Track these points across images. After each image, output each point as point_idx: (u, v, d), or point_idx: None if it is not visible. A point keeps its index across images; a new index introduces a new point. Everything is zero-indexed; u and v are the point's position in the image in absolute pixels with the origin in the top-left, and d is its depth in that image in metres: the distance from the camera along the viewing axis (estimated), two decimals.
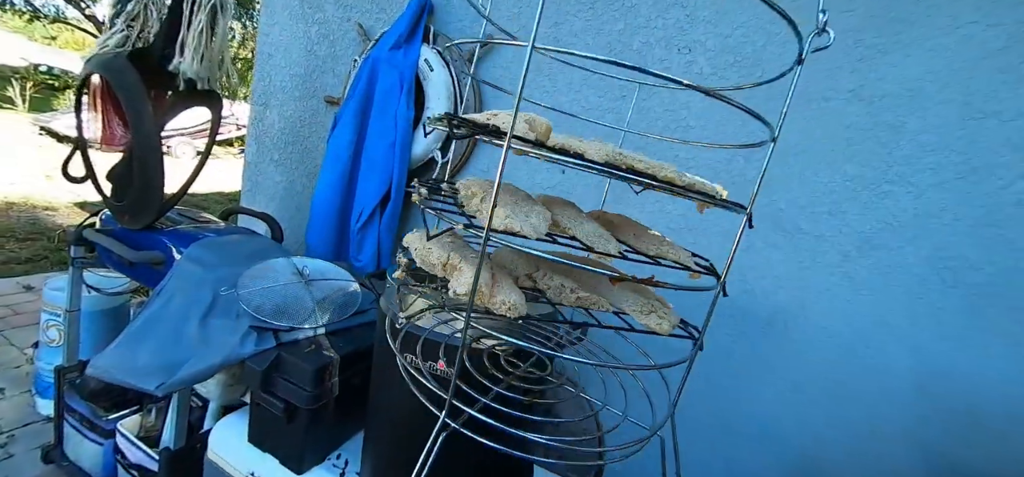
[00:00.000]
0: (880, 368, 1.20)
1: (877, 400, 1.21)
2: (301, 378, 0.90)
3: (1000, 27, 1.04)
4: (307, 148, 1.77)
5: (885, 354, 1.19)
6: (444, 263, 0.58)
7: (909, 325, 1.17)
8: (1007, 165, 1.07)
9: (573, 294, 0.59)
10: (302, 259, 1.20)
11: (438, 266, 0.58)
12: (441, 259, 0.58)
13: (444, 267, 0.58)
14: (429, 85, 1.47)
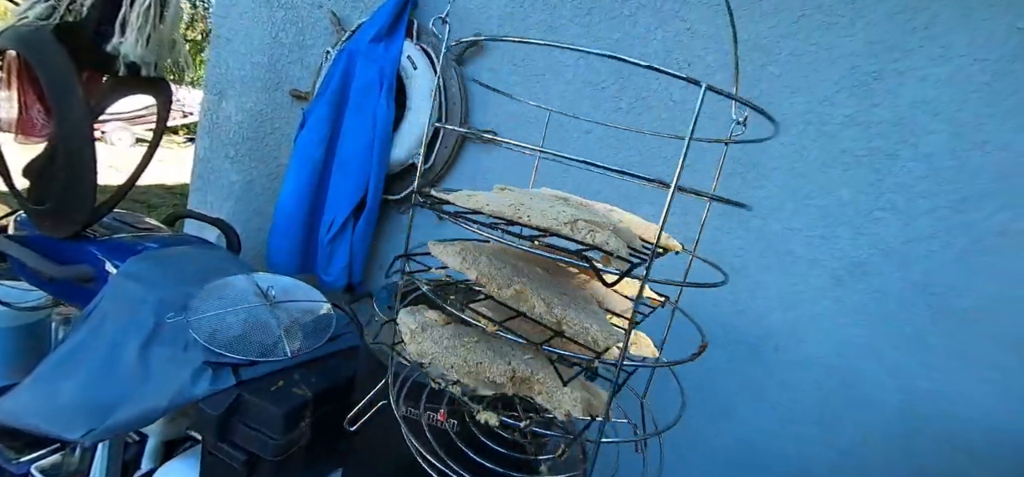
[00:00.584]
0: (868, 393, 1.20)
1: (864, 425, 1.21)
2: (268, 423, 0.76)
3: (986, 62, 1.06)
4: (269, 145, 1.60)
5: (873, 379, 1.19)
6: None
7: (895, 351, 1.18)
8: (991, 195, 1.09)
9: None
10: (265, 276, 1.05)
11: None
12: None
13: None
14: (412, 84, 1.34)
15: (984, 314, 1.11)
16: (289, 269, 1.32)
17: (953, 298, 1.13)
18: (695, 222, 0.62)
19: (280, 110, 1.58)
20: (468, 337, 0.49)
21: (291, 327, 0.93)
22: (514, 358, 0.48)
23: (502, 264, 0.47)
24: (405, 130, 1.36)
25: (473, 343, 0.48)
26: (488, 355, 0.47)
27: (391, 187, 1.42)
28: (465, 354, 0.46)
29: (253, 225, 1.58)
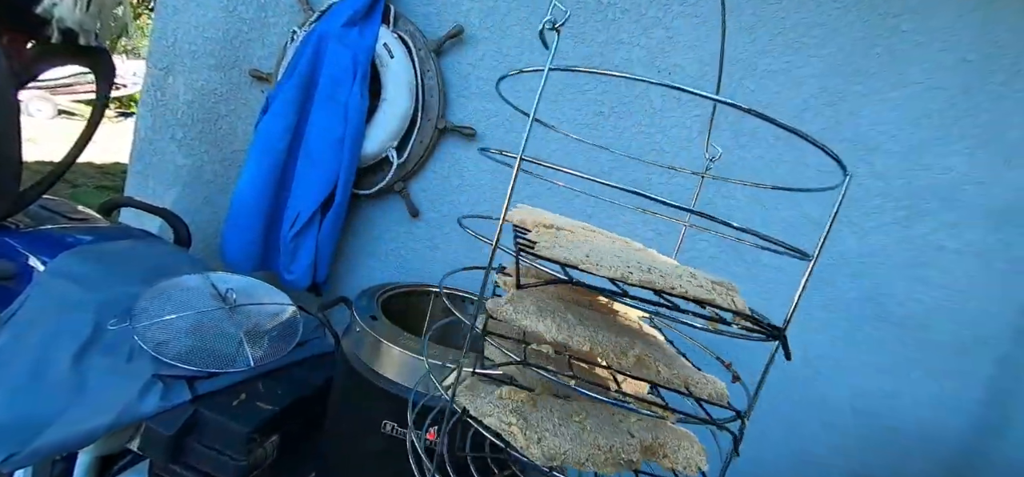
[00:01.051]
0: (824, 393, 1.28)
1: (821, 421, 1.29)
2: (229, 443, 0.68)
3: (937, 90, 1.14)
4: (223, 129, 1.46)
5: (829, 382, 1.27)
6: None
7: (847, 355, 1.26)
8: (933, 213, 1.18)
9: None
10: (223, 275, 0.95)
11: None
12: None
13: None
14: (388, 74, 1.27)
15: (922, 321, 1.20)
16: (246, 266, 1.21)
17: (896, 307, 1.22)
18: (671, 233, 0.62)
19: (237, 91, 1.45)
20: (575, 415, 0.43)
21: (253, 333, 0.85)
22: (631, 427, 0.43)
23: (594, 325, 0.41)
24: (379, 122, 1.28)
25: (585, 421, 0.42)
26: (608, 433, 0.42)
27: (361, 181, 1.34)
28: (594, 439, 0.40)
29: (203, 216, 1.44)
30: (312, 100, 1.27)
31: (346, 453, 0.70)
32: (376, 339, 0.68)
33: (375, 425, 0.64)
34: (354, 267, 1.44)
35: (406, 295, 0.91)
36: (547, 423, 0.40)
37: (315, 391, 0.82)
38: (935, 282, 1.19)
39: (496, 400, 0.41)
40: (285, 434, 0.77)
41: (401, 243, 1.40)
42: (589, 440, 0.40)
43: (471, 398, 0.42)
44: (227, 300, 0.88)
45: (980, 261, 1.16)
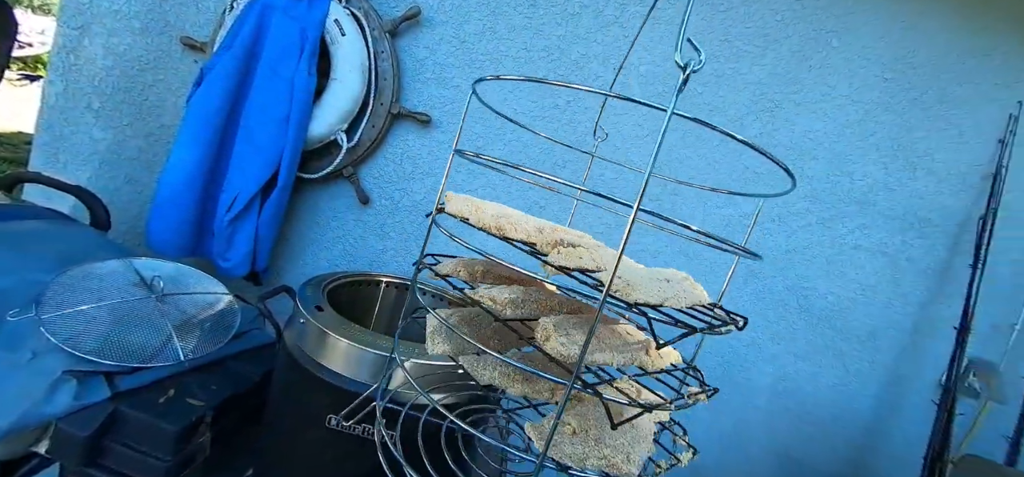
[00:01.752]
0: (749, 378, 1.38)
1: (744, 407, 1.39)
2: (156, 443, 0.63)
3: (859, 104, 1.25)
4: (149, 100, 1.33)
5: (753, 369, 1.38)
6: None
7: (771, 343, 1.37)
8: (851, 216, 1.30)
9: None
10: (148, 262, 0.87)
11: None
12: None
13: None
14: (338, 52, 1.20)
15: (838, 312, 1.33)
16: (175, 252, 1.12)
17: (817, 299, 1.34)
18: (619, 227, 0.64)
19: (166, 59, 1.32)
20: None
21: (185, 325, 0.79)
22: None
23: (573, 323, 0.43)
24: (327, 102, 1.22)
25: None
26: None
27: (308, 165, 1.27)
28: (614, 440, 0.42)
29: (124, 196, 1.31)
30: (253, 75, 1.18)
31: (287, 448, 0.68)
32: (321, 330, 0.65)
33: (319, 419, 0.61)
34: (298, 255, 1.37)
35: (354, 285, 0.88)
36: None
37: (253, 385, 0.78)
38: (850, 278, 1.31)
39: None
40: (220, 430, 0.72)
41: (349, 231, 1.35)
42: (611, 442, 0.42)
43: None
44: (153, 288, 0.81)
45: (887, 260, 1.30)
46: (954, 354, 1.29)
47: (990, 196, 1.25)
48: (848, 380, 1.36)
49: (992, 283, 1.31)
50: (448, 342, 0.47)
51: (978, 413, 1.35)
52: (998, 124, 1.24)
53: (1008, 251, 1.30)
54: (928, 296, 1.31)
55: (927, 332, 1.33)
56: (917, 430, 1.35)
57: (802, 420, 1.38)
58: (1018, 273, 1.31)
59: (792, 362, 1.37)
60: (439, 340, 0.47)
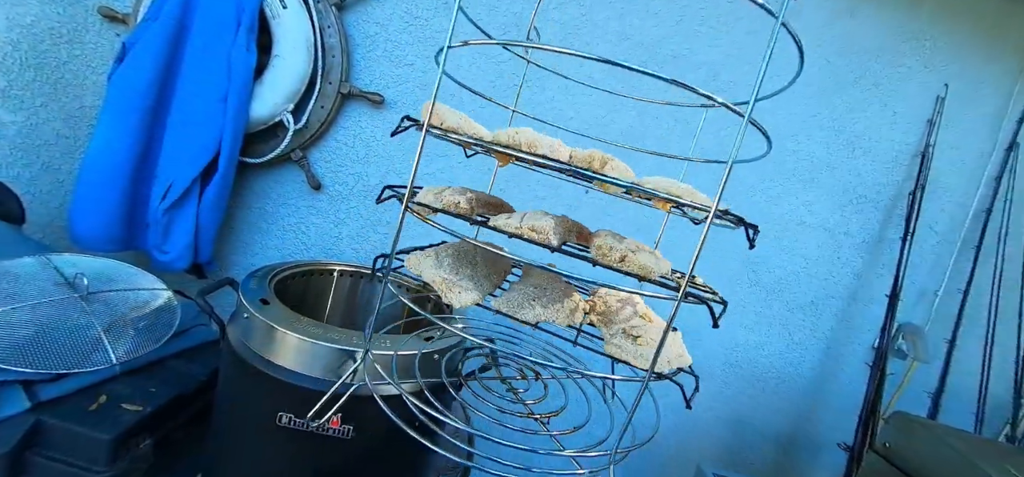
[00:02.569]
0: (705, 348, 1.45)
1: (699, 373, 1.47)
2: (88, 454, 0.60)
3: (808, 85, 1.31)
4: (65, 79, 1.20)
5: (708, 337, 1.45)
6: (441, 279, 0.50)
7: (724, 317, 1.44)
8: (795, 193, 1.37)
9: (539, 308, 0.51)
10: (70, 258, 0.80)
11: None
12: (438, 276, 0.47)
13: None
14: (279, 26, 1.13)
15: (784, 285, 1.41)
16: (105, 246, 1.04)
17: (765, 273, 1.42)
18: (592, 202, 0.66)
19: (82, 32, 1.20)
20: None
21: (116, 325, 0.74)
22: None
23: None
24: (270, 81, 1.15)
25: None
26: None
27: (252, 148, 1.20)
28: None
29: (42, 186, 1.19)
30: (183, 50, 1.10)
31: (237, 450, 0.65)
32: (268, 325, 0.62)
33: (270, 418, 0.59)
34: (246, 246, 1.31)
35: (305, 275, 0.85)
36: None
37: (198, 385, 0.74)
38: (796, 252, 1.39)
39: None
40: (164, 436, 0.69)
41: (301, 218, 1.30)
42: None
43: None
44: (77, 287, 0.75)
45: (827, 234, 1.38)
46: (885, 320, 1.41)
47: (919, 172, 1.35)
48: (792, 348, 1.46)
49: (920, 253, 1.43)
50: (441, 268, 0.50)
51: (906, 372, 1.48)
52: (927, 105, 1.34)
53: (935, 223, 1.42)
54: (863, 267, 1.42)
55: (862, 300, 1.44)
56: (853, 390, 1.47)
57: (750, 386, 1.47)
58: (942, 243, 1.44)
59: (743, 333, 1.45)
60: (429, 266, 0.49)
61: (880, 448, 1.05)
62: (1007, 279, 1.41)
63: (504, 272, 0.63)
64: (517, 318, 0.48)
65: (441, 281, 0.48)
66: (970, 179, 1.40)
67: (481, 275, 0.55)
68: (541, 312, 0.50)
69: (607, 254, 0.45)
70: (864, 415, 1.41)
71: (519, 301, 0.50)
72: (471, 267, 0.55)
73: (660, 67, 1.28)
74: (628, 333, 0.52)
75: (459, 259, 0.55)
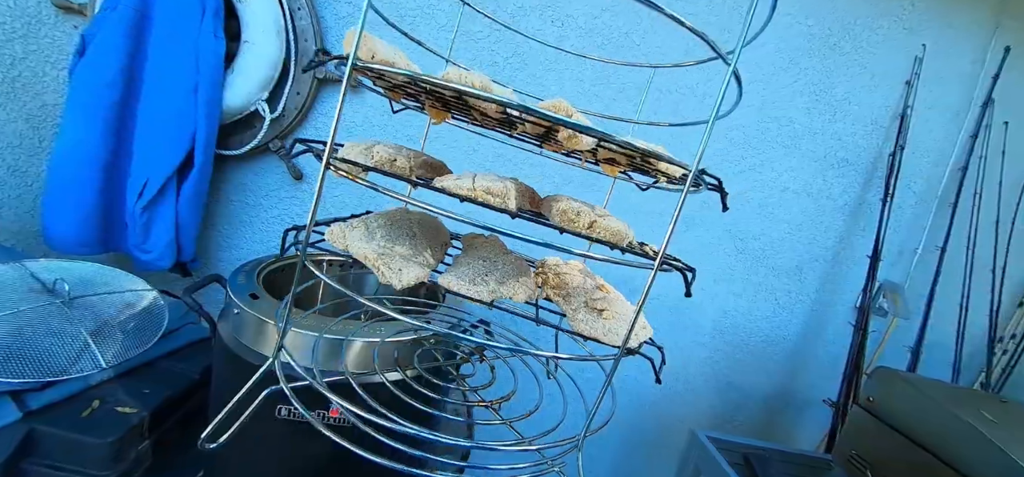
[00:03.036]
0: (693, 317, 1.50)
1: (690, 339, 1.51)
2: (87, 459, 0.60)
3: (785, 52, 1.33)
4: (22, 76, 1.15)
5: (697, 306, 1.49)
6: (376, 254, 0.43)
7: (713, 283, 1.48)
8: (778, 160, 1.40)
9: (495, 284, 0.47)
10: (47, 264, 0.79)
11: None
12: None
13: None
14: (247, 10, 1.10)
15: (769, 251, 1.46)
16: (82, 248, 1.02)
17: (751, 240, 1.46)
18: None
19: (37, 25, 1.15)
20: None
21: (102, 329, 0.73)
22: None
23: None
24: (241, 68, 1.12)
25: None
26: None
27: (228, 140, 1.18)
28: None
29: (8, 190, 1.15)
30: (147, 39, 1.06)
31: (237, 444, 0.66)
32: (259, 319, 0.63)
33: (268, 411, 0.60)
34: (231, 241, 1.29)
35: (291, 268, 0.85)
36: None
37: (192, 384, 0.75)
38: (780, 218, 1.43)
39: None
40: (161, 435, 0.69)
41: (285, 210, 1.29)
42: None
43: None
44: (57, 293, 0.74)
45: (810, 199, 1.42)
46: (867, 279, 1.46)
47: (898, 134, 1.39)
48: (778, 311, 1.51)
49: (900, 213, 1.48)
50: (372, 240, 0.43)
51: (887, 329, 1.55)
52: (905, 67, 1.37)
53: (913, 183, 1.47)
54: (845, 229, 1.46)
55: (845, 262, 1.49)
56: (837, 348, 1.54)
57: (739, 350, 1.52)
58: (920, 203, 1.49)
59: (731, 300, 1.49)
60: (358, 239, 0.43)
61: (863, 402, 1.11)
62: (981, 235, 1.47)
63: (445, 245, 0.57)
64: (471, 297, 0.42)
65: (375, 257, 0.41)
66: (947, 138, 1.45)
67: (422, 247, 0.48)
68: (497, 288, 0.44)
69: (574, 220, 0.40)
70: (848, 372, 1.47)
71: (470, 276, 0.44)
72: (409, 239, 0.48)
73: (643, 38, 1.28)
74: (592, 307, 0.48)
75: (394, 229, 0.48)
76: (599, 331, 0.44)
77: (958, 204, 1.46)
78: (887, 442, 0.98)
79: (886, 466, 0.96)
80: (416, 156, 0.49)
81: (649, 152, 0.38)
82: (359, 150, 0.44)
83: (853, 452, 1.04)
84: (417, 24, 1.23)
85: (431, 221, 0.57)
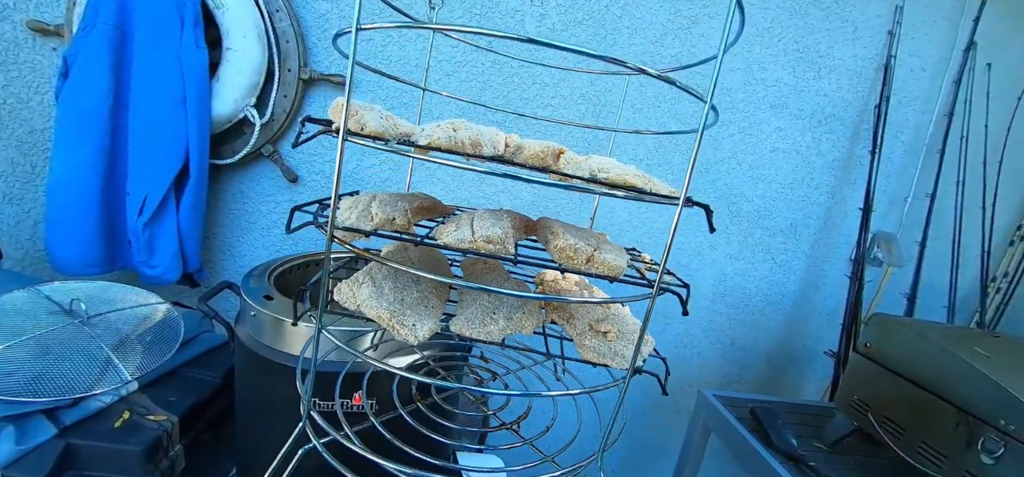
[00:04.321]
0: (694, 282, 1.55)
1: (692, 312, 1.57)
2: (123, 467, 0.64)
3: (767, 10, 1.36)
4: (7, 104, 1.17)
5: (697, 275, 1.54)
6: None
7: (710, 249, 1.53)
8: (767, 121, 1.44)
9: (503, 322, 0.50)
10: (60, 286, 0.82)
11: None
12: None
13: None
14: (226, 17, 1.11)
15: (763, 212, 1.51)
16: (89, 269, 1.05)
17: (744, 203, 1.51)
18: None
19: (15, 51, 1.16)
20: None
21: (123, 344, 0.77)
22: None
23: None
24: (226, 76, 1.14)
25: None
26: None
27: (220, 149, 1.20)
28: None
29: (7, 220, 1.18)
30: (130, 55, 1.08)
31: (266, 440, 0.71)
32: (276, 319, 0.67)
33: (294, 405, 0.65)
34: (233, 249, 1.32)
35: (300, 267, 0.89)
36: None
37: (215, 388, 0.79)
38: (771, 179, 1.48)
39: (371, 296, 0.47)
40: (192, 440, 0.74)
41: (282, 213, 1.32)
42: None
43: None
44: (75, 313, 0.78)
45: (801, 158, 1.47)
46: (860, 231, 1.52)
47: (883, 85, 1.43)
48: (776, 270, 1.57)
49: (889, 163, 1.53)
50: (382, 298, 0.45)
51: (882, 278, 1.62)
52: (887, 16, 1.40)
53: (900, 133, 1.52)
54: (836, 184, 1.52)
55: (838, 216, 1.55)
56: (836, 301, 1.60)
57: (739, 311, 1.58)
58: (908, 152, 1.54)
59: (729, 263, 1.55)
60: (367, 298, 0.45)
61: (862, 348, 1.17)
62: (970, 178, 1.53)
63: (447, 274, 0.60)
64: (482, 340, 0.45)
65: (388, 317, 0.43)
66: (932, 85, 1.50)
67: (428, 290, 0.51)
68: (506, 325, 0.47)
69: (573, 257, 0.43)
70: (846, 322, 1.54)
71: (480, 317, 0.47)
72: (415, 283, 0.51)
73: (623, 10, 1.31)
74: (596, 330, 0.51)
75: (399, 277, 0.51)
76: (607, 356, 0.48)
77: (946, 150, 1.52)
78: (886, 384, 1.04)
79: (886, 406, 1.02)
80: (411, 201, 0.51)
81: (633, 193, 0.40)
82: (357, 213, 0.47)
83: (854, 397, 1.10)
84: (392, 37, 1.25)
85: (430, 252, 0.60)
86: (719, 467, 1.67)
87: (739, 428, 1.09)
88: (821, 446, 1.08)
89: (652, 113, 1.39)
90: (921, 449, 0.93)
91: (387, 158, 1.30)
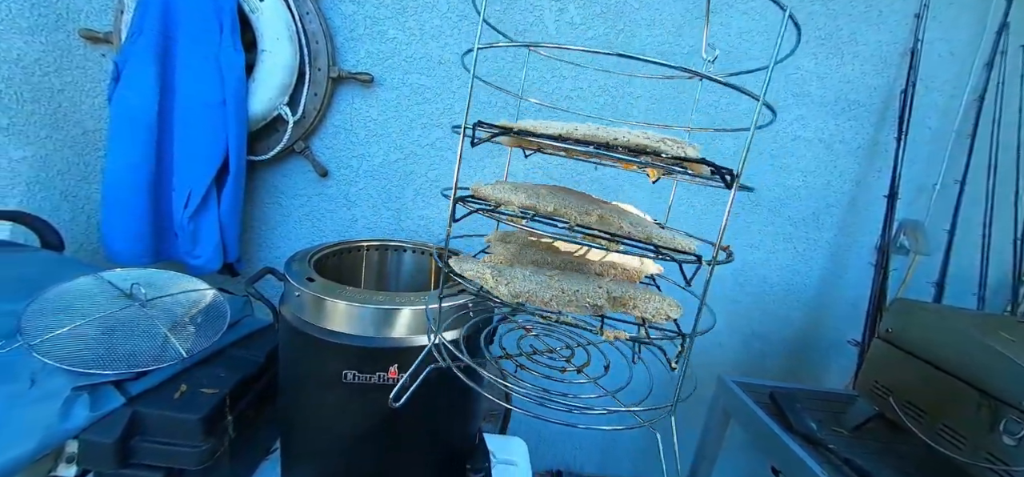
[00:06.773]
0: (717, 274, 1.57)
1: (712, 302, 1.59)
2: (184, 434, 0.71)
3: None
4: (62, 107, 1.27)
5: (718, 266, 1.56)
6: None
7: (730, 238, 1.55)
8: (789, 108, 1.45)
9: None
10: (121, 273, 0.90)
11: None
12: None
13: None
14: (261, 21, 1.19)
15: (785, 201, 1.51)
16: (140, 259, 1.14)
17: (765, 192, 1.51)
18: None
19: (69, 58, 1.26)
20: (546, 270, 0.56)
21: (177, 325, 0.85)
22: (604, 284, 0.55)
23: (560, 197, 0.54)
24: (261, 77, 1.22)
25: (553, 276, 0.54)
26: (577, 282, 0.54)
27: (255, 146, 1.28)
28: (561, 284, 0.52)
29: (65, 214, 1.28)
30: (174, 59, 1.16)
31: (309, 413, 0.77)
32: (319, 298, 0.73)
33: (336, 377, 0.71)
34: (266, 240, 1.41)
35: (336, 254, 0.95)
36: (518, 274, 0.54)
37: (260, 367, 0.86)
38: (793, 168, 1.48)
39: (476, 264, 0.55)
40: (240, 413, 0.80)
41: (313, 206, 1.39)
42: (555, 285, 0.52)
43: (458, 265, 0.55)
44: (135, 296, 0.85)
45: (823, 146, 1.47)
46: (886, 219, 1.51)
47: (909, 70, 1.42)
48: (797, 259, 1.57)
49: (916, 150, 1.52)
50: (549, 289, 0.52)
51: (909, 267, 1.60)
52: (913, 0, 1.39)
53: (927, 119, 1.51)
54: (861, 172, 1.51)
55: (862, 204, 1.54)
56: (860, 290, 1.60)
57: (760, 300, 1.59)
58: (936, 138, 1.53)
59: (749, 252, 1.56)
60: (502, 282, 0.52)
61: (883, 334, 1.18)
62: (1003, 164, 1.50)
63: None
64: (543, 316, 0.54)
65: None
66: (961, 69, 1.47)
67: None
68: (564, 300, 0.53)
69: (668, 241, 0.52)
70: (871, 311, 1.53)
71: (539, 288, 0.53)
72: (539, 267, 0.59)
73: (642, 2, 1.33)
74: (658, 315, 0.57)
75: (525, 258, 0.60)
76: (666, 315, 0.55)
77: (977, 135, 1.49)
78: (907, 369, 1.05)
79: (907, 391, 1.03)
80: (552, 192, 0.56)
81: (699, 160, 0.48)
82: (520, 198, 0.53)
83: (875, 382, 1.11)
84: (421, 14, 1.30)
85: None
86: (739, 456, 1.69)
87: (759, 412, 1.11)
88: (841, 431, 1.10)
89: (670, 106, 1.41)
90: (942, 431, 0.94)
91: (413, 112, 1.35)
